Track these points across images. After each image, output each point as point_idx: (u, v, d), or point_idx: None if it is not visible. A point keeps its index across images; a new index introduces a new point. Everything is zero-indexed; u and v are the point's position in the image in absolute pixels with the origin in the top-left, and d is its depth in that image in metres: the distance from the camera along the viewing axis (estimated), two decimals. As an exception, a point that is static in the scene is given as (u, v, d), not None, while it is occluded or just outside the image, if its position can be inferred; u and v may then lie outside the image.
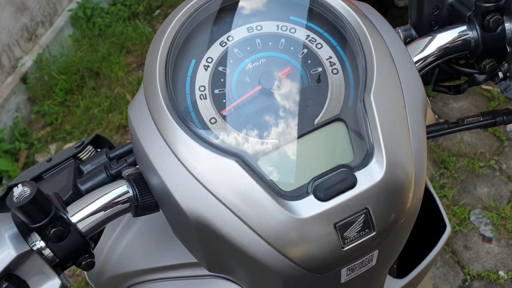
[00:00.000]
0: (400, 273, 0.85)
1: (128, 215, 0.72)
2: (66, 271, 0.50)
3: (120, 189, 0.51)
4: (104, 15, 3.19)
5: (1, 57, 2.77)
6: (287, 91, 0.49)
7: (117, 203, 0.50)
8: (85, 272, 0.80)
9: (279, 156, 0.46)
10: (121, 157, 0.56)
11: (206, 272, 0.67)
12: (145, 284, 0.71)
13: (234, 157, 0.45)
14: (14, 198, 0.45)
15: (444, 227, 0.93)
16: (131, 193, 0.50)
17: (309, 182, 0.45)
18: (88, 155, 0.56)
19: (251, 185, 0.44)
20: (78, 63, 2.97)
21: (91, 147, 0.57)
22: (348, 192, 0.44)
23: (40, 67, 2.89)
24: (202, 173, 0.45)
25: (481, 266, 1.90)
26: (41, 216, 0.45)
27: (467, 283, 1.86)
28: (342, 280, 0.50)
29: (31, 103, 2.89)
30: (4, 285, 0.45)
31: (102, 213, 0.50)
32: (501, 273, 1.87)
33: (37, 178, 0.56)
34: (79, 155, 0.56)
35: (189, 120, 0.47)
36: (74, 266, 0.51)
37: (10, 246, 0.45)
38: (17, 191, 0.45)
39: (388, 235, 0.47)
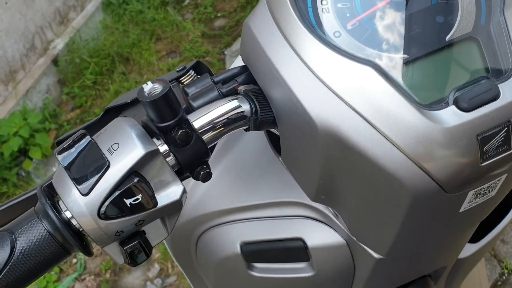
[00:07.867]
0: (473, 239, 0.83)
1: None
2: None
3: (235, 103, 0.50)
4: (135, 2, 3.20)
5: (34, 38, 2.79)
6: (416, 6, 0.47)
7: (233, 117, 0.49)
8: None
9: (413, 70, 0.44)
10: (225, 82, 0.54)
11: (294, 213, 0.65)
12: (224, 225, 0.68)
13: (369, 64, 0.43)
14: (145, 93, 0.43)
15: None
16: (248, 107, 0.49)
17: (448, 94, 0.43)
18: (190, 79, 0.55)
19: (390, 92, 0.42)
20: (109, 47, 2.97)
21: (192, 71, 0.56)
22: (492, 104, 0.42)
23: (71, 50, 2.90)
24: (334, 81, 0.43)
25: (518, 260, 1.86)
26: (170, 115, 0.44)
27: (504, 277, 1.83)
28: (461, 209, 0.49)
29: (61, 85, 2.89)
30: (136, 179, 0.43)
31: (220, 124, 0.49)
32: (538, 269, 1.84)
33: (137, 100, 0.54)
34: (181, 79, 0.55)
35: None
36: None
37: (138, 144, 0.44)
38: (147, 87, 0.44)
39: None
